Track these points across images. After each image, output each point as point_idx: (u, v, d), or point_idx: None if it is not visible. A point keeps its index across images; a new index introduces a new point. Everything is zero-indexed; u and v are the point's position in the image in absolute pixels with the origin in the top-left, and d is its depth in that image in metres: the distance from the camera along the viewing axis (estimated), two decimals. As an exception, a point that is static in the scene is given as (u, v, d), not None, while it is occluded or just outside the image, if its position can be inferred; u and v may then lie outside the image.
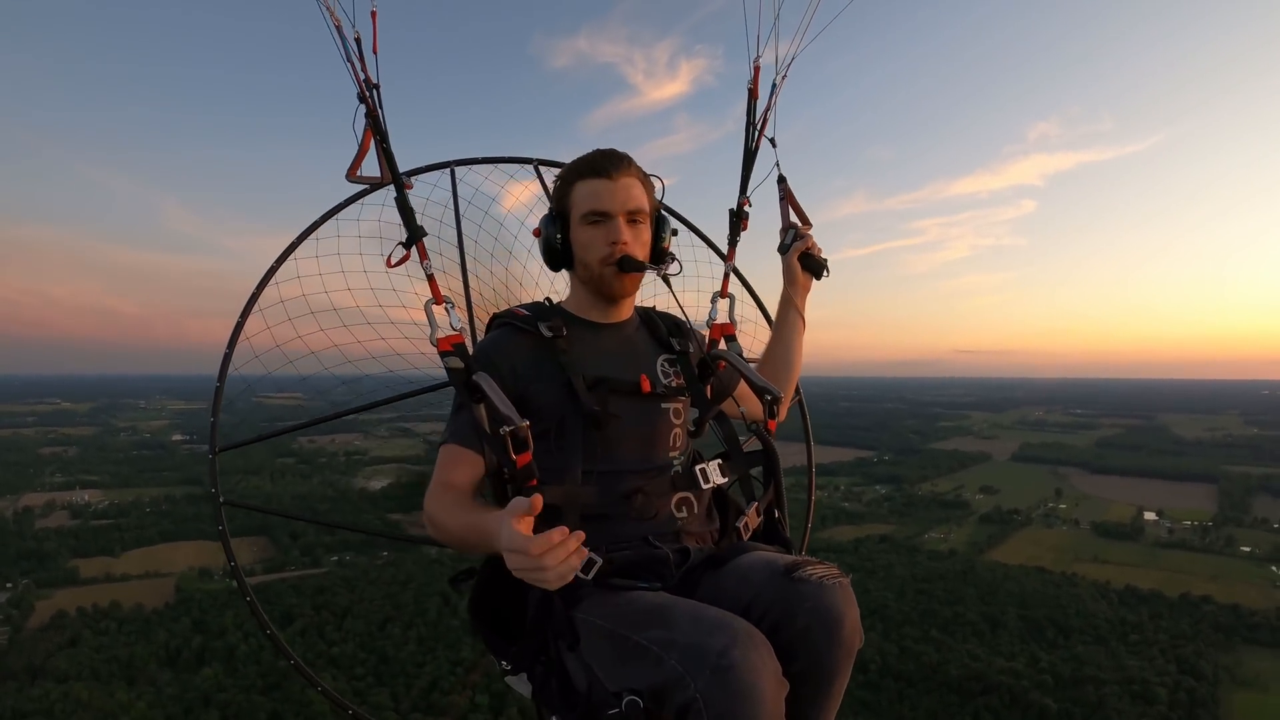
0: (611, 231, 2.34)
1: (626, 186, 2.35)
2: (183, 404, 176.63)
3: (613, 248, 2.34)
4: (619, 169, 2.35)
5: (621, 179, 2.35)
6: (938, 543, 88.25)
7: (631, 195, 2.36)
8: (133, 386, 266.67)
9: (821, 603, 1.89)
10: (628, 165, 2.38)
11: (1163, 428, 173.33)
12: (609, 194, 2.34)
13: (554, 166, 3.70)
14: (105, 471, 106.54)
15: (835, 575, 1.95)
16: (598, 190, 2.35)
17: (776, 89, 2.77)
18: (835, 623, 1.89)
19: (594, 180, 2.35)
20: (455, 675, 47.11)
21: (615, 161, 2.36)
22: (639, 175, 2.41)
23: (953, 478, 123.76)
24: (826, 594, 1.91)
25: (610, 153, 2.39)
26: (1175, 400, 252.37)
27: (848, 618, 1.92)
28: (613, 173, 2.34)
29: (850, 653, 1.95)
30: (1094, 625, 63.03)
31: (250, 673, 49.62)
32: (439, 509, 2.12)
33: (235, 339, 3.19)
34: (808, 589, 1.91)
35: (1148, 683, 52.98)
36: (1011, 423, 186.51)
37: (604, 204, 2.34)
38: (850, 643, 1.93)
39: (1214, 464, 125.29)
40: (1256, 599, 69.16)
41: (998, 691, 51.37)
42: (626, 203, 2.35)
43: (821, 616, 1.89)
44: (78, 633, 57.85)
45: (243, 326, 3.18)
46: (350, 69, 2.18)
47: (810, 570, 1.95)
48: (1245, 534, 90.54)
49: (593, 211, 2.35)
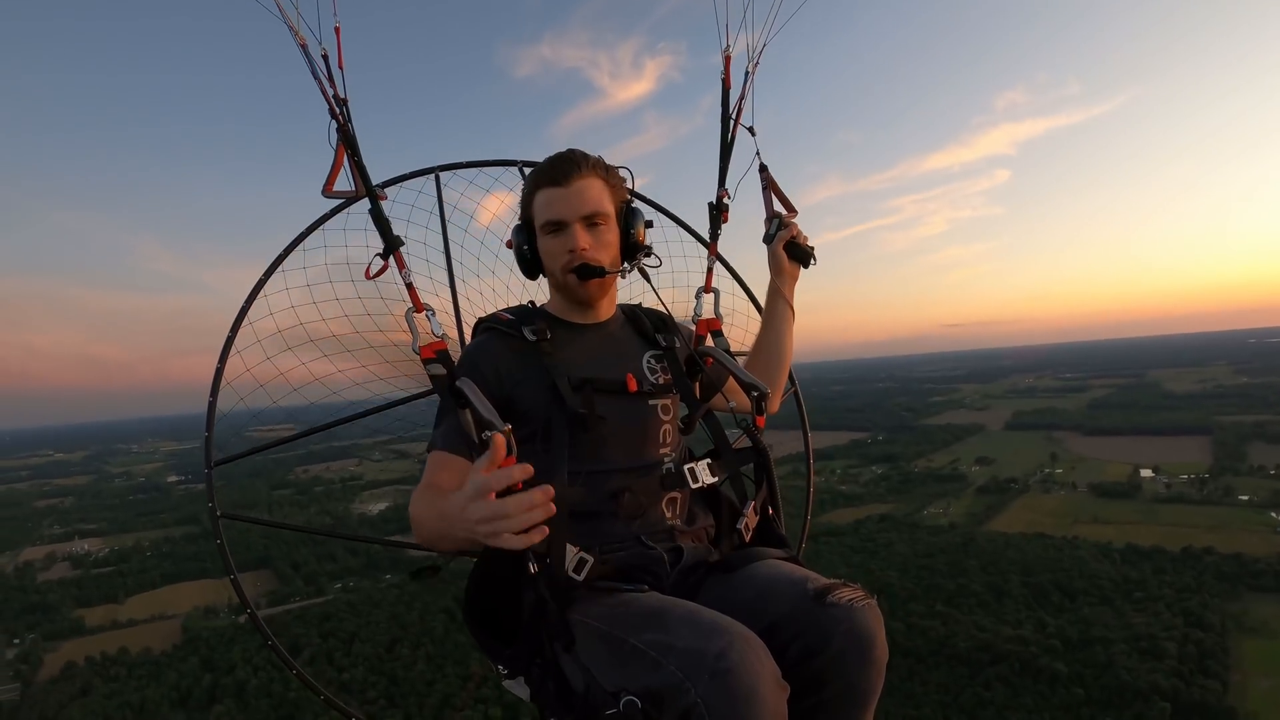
0: (568, 239, 2.34)
1: (580, 191, 2.34)
2: (175, 444, 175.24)
3: (570, 256, 2.34)
4: (574, 174, 2.34)
5: (576, 183, 2.33)
6: (937, 517, 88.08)
7: (586, 199, 2.34)
8: (124, 431, 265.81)
9: (855, 626, 1.91)
10: (584, 167, 2.36)
11: (1153, 384, 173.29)
12: (562, 201, 2.33)
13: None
14: (103, 519, 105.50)
15: (864, 597, 1.97)
16: (552, 199, 2.34)
17: (750, 77, 2.75)
18: (868, 645, 1.91)
19: (549, 189, 2.35)
20: (466, 690, 47.03)
21: (570, 166, 2.35)
22: (599, 174, 2.40)
23: (948, 451, 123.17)
24: (859, 616, 1.92)
25: (565, 157, 2.38)
26: (1164, 355, 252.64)
27: (878, 638, 1.94)
28: (567, 179, 2.33)
29: (882, 671, 1.96)
30: (1098, 586, 62.95)
31: (263, 706, 49.39)
32: (418, 507, 2.10)
33: (225, 354, 3.19)
34: (840, 612, 1.92)
35: (1156, 638, 52.86)
36: (1003, 392, 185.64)
37: (558, 212, 2.34)
38: (881, 662, 1.95)
39: (1206, 415, 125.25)
40: (1258, 546, 68.98)
41: (1007, 660, 51.42)
42: (580, 208, 2.34)
43: (855, 639, 1.90)
44: (88, 682, 57.42)
45: (233, 341, 3.19)
46: (319, 85, 2.19)
47: (840, 594, 1.95)
48: (1242, 482, 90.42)
49: (549, 221, 2.35)
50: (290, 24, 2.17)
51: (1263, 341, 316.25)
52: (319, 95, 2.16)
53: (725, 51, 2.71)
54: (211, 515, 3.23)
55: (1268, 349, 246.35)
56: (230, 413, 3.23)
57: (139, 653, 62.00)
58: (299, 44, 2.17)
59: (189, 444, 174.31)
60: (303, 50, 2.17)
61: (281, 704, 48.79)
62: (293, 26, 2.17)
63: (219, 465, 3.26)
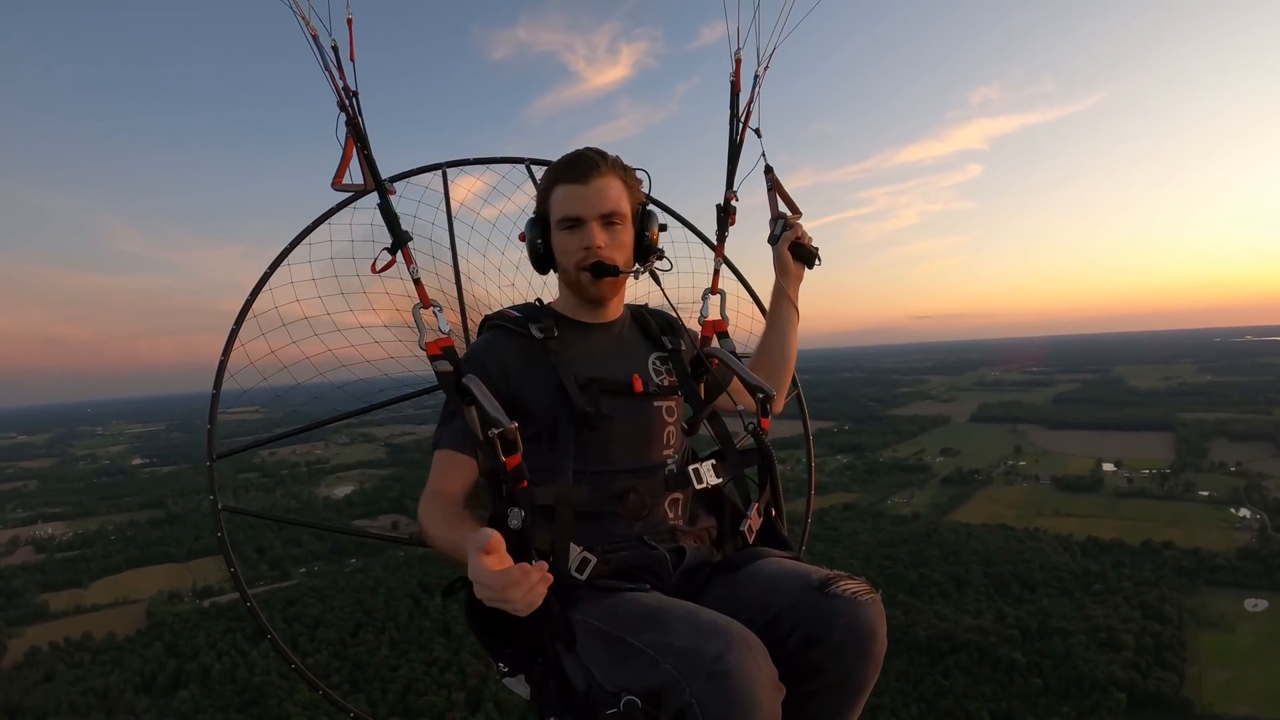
0: (585, 237, 2.33)
1: (600, 190, 2.33)
2: (140, 427, 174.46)
3: (586, 253, 2.33)
4: (594, 172, 2.33)
5: (595, 182, 2.33)
6: (900, 507, 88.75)
7: (605, 198, 2.34)
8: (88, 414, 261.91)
9: (856, 619, 1.94)
10: (604, 167, 2.35)
11: (1118, 380, 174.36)
12: (582, 199, 2.32)
13: (545, 165, 3.41)
14: (67, 502, 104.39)
15: (867, 591, 2.00)
16: (571, 195, 2.33)
17: (759, 80, 2.76)
18: (868, 638, 1.94)
19: (568, 185, 2.34)
20: (430, 676, 47.12)
21: (590, 164, 2.34)
22: (618, 174, 2.39)
23: (913, 442, 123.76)
24: (861, 610, 1.95)
25: (585, 154, 2.37)
26: (1130, 352, 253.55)
27: (879, 633, 1.97)
28: (587, 177, 2.32)
29: (878, 666, 2.00)
30: (1058, 578, 63.96)
31: (226, 691, 49.34)
32: (427, 521, 2.14)
33: (230, 346, 3.13)
34: (842, 605, 1.95)
35: (1113, 630, 53.90)
36: (969, 384, 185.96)
37: (577, 209, 2.33)
38: (879, 656, 1.98)
39: (1170, 412, 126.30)
40: (1217, 541, 70.30)
41: (967, 649, 52.27)
42: (599, 206, 2.33)
43: (856, 633, 1.93)
44: (52, 668, 57.14)
45: (237, 334, 3.13)
46: (329, 77, 2.21)
47: (843, 586, 1.99)
48: (1203, 478, 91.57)
49: (566, 217, 2.34)
50: (301, 14, 2.20)
51: (1228, 341, 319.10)
52: (313, 86, 2.27)
53: (736, 54, 2.76)
54: (213, 508, 3.17)
55: (1232, 348, 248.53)
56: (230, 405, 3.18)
57: (103, 638, 61.70)
58: (309, 34, 2.21)
59: (153, 426, 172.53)
60: (313, 41, 2.21)
61: (246, 689, 48.73)
62: (304, 17, 2.20)
63: (222, 458, 3.21)
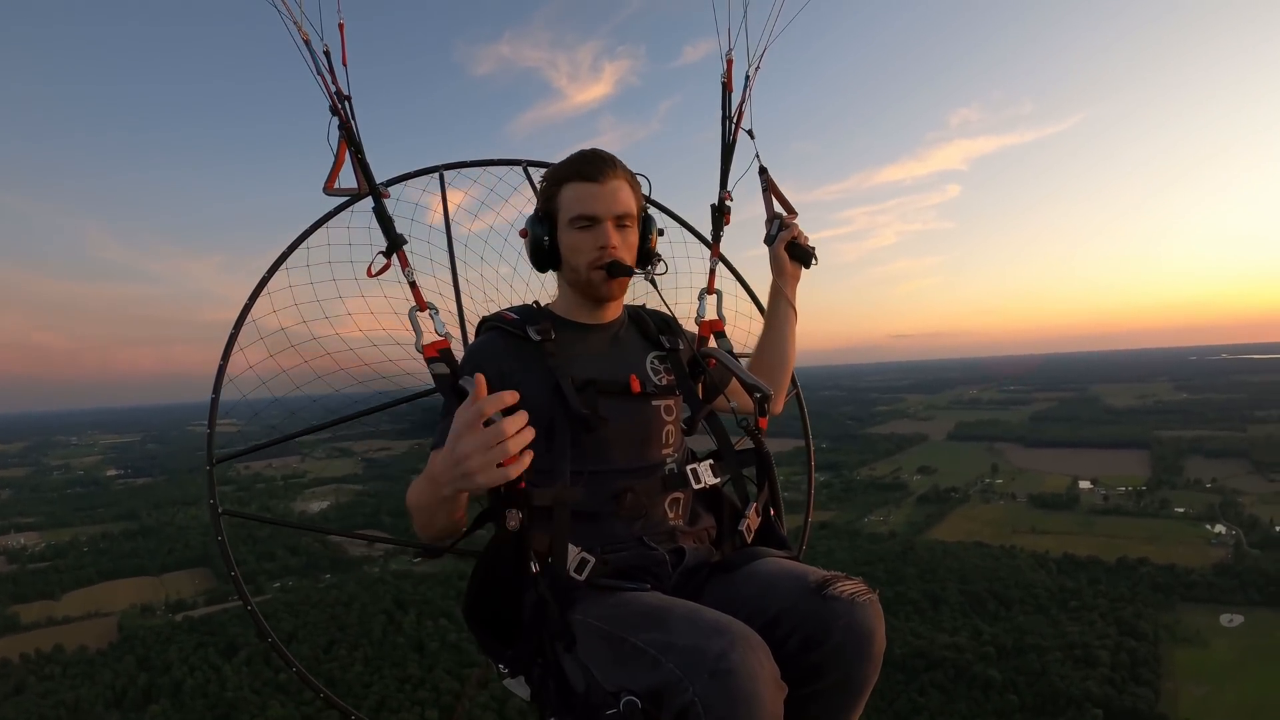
0: (600, 236, 2.32)
1: (614, 190, 2.33)
2: (115, 437, 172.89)
3: (601, 252, 2.32)
4: (609, 172, 2.33)
5: (611, 183, 2.33)
6: (877, 525, 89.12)
7: (619, 199, 2.34)
8: (63, 422, 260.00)
9: (855, 620, 1.91)
10: (616, 168, 2.36)
11: (1095, 398, 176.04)
12: (597, 198, 2.31)
13: (542, 167, 3.61)
14: (40, 512, 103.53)
15: (865, 592, 1.97)
16: (586, 194, 2.32)
17: (750, 81, 2.78)
18: (867, 639, 1.92)
19: (582, 184, 2.32)
20: (403, 693, 46.77)
21: (605, 164, 2.34)
22: (626, 177, 2.39)
23: (890, 460, 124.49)
24: (860, 611, 1.93)
25: (598, 154, 2.37)
26: (1106, 371, 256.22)
27: (877, 633, 1.95)
28: (602, 176, 2.32)
29: (878, 667, 1.97)
30: (1034, 595, 64.11)
31: (198, 706, 48.84)
32: (412, 490, 2.10)
33: (229, 350, 3.13)
34: (841, 606, 1.92)
35: (1089, 646, 54.06)
36: (947, 403, 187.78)
37: (593, 208, 2.32)
38: (879, 657, 1.96)
39: (1146, 430, 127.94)
40: (1192, 558, 70.97)
41: (942, 666, 52.25)
42: (614, 207, 2.33)
43: (854, 634, 1.91)
44: (22, 680, 56.49)
45: (236, 338, 3.13)
46: (321, 82, 2.21)
47: (841, 587, 1.96)
48: (1179, 495, 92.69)
49: (581, 216, 2.32)
50: (293, 19, 2.20)
51: (1204, 359, 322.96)
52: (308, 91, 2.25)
53: (727, 55, 2.78)
54: (213, 512, 3.16)
55: (1208, 366, 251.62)
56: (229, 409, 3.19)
57: (74, 650, 60.83)
58: (301, 39, 2.21)
59: (129, 437, 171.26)
60: (305, 45, 2.22)
61: (217, 704, 48.29)
62: (295, 21, 2.20)
63: (221, 462, 3.20)
